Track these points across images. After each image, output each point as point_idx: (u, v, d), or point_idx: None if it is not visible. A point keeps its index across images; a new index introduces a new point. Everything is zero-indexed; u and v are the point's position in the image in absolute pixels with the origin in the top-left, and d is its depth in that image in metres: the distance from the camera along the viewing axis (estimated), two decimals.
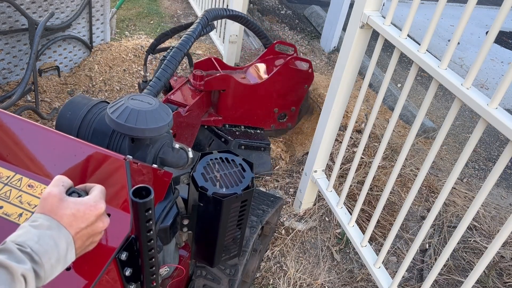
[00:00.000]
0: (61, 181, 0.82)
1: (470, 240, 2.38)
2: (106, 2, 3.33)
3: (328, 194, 2.28)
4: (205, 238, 1.33)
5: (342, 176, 2.60)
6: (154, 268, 0.97)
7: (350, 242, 2.29)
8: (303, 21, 4.93)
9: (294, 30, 4.66)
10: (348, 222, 2.10)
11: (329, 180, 2.28)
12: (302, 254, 2.35)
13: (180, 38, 2.25)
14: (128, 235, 0.92)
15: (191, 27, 2.28)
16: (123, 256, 0.91)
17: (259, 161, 2.77)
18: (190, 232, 1.36)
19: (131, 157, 1.00)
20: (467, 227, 1.86)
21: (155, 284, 1.02)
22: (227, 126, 2.75)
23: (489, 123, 1.28)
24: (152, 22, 4.48)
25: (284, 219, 2.48)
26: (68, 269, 0.86)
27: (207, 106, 2.63)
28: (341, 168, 2.61)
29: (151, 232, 0.88)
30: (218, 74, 2.52)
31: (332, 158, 2.65)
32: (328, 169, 2.53)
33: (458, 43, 4.82)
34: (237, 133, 2.76)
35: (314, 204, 2.54)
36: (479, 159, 3.25)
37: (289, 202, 2.60)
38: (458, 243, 2.31)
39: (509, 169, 3.17)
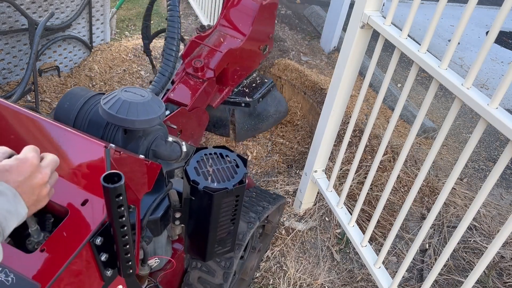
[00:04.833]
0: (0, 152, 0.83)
1: (470, 240, 2.38)
2: (106, 2, 3.33)
3: (328, 194, 2.28)
4: (197, 232, 1.33)
5: (343, 176, 2.60)
6: (129, 254, 0.98)
7: (350, 242, 2.29)
8: (303, 21, 4.93)
9: (294, 30, 4.66)
10: (348, 222, 2.10)
11: (329, 180, 2.28)
12: (302, 254, 2.35)
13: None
14: (103, 220, 0.93)
15: (168, 6, 2.15)
16: (98, 241, 0.92)
17: (275, 102, 2.90)
18: (182, 225, 1.36)
19: (113, 145, 1.01)
20: (467, 227, 1.86)
21: (131, 271, 1.02)
22: (234, 90, 2.75)
23: (489, 123, 1.28)
24: (152, 22, 4.48)
25: (284, 219, 2.48)
26: (42, 250, 0.87)
27: (213, 90, 2.49)
28: (341, 169, 2.61)
29: (124, 218, 0.88)
30: (220, 56, 2.37)
31: (332, 158, 2.65)
32: (328, 169, 2.53)
33: (458, 43, 4.82)
34: (246, 90, 2.76)
35: (314, 204, 2.54)
36: (479, 159, 3.25)
37: (289, 202, 2.60)
38: (458, 243, 2.31)
39: (509, 169, 3.17)
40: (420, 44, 1.54)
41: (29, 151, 0.83)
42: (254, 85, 2.82)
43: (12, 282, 0.81)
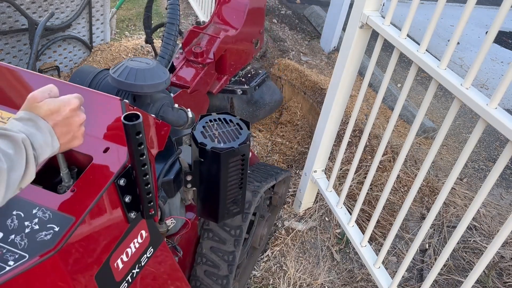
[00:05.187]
0: (48, 89, 0.90)
1: (470, 240, 2.38)
2: (106, 2, 3.33)
3: (328, 194, 2.28)
4: (208, 193, 1.40)
5: (342, 176, 2.60)
6: (150, 194, 1.05)
7: (350, 242, 2.29)
8: (303, 21, 4.93)
9: (294, 30, 4.66)
10: (348, 222, 2.10)
11: (329, 180, 2.28)
12: (302, 254, 2.35)
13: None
14: (125, 164, 1.02)
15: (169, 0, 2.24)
16: (122, 181, 1.00)
17: (270, 91, 3.01)
18: (194, 189, 1.44)
19: (127, 101, 1.10)
20: (467, 227, 1.86)
21: (153, 212, 1.10)
22: (232, 79, 2.84)
23: (489, 123, 1.28)
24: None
25: (284, 219, 2.49)
26: (72, 190, 0.95)
27: (213, 76, 2.64)
28: (341, 168, 2.61)
29: (144, 156, 0.96)
30: (218, 41, 2.51)
31: (332, 158, 2.65)
32: (328, 169, 2.53)
33: (458, 43, 4.82)
34: (242, 80, 2.86)
35: (315, 203, 2.54)
36: (479, 159, 3.25)
37: (289, 202, 2.60)
38: (458, 243, 2.31)
39: (509, 169, 3.17)
40: (419, 44, 1.54)
41: (73, 96, 0.92)
42: (249, 75, 2.92)
43: (49, 217, 0.90)
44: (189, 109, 1.50)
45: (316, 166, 2.34)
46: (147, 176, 1.00)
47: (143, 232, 1.15)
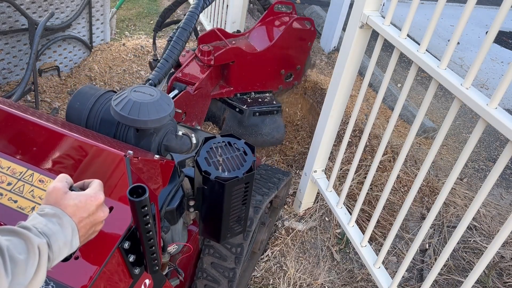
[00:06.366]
0: (64, 178, 0.89)
1: (470, 240, 2.37)
2: (106, 2, 3.33)
3: (328, 194, 2.28)
4: (210, 217, 1.39)
5: (342, 176, 2.60)
6: (155, 254, 1.04)
7: (350, 242, 2.29)
8: None
9: None
10: (348, 222, 2.10)
11: (329, 180, 2.28)
12: (302, 254, 2.35)
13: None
14: (129, 226, 0.99)
15: (193, 3, 2.23)
16: (126, 245, 0.99)
17: (273, 125, 2.86)
18: (196, 212, 1.44)
19: (131, 152, 1.05)
20: (467, 227, 1.86)
21: (157, 267, 1.09)
22: (238, 95, 2.79)
23: (489, 123, 1.28)
24: (152, 22, 4.48)
25: (284, 219, 2.49)
26: (76, 258, 0.93)
27: (217, 80, 2.65)
28: (341, 168, 2.61)
29: (149, 225, 0.94)
30: (226, 48, 2.53)
31: (332, 158, 2.65)
32: (328, 169, 2.53)
33: (458, 43, 4.81)
34: (248, 100, 2.80)
35: (315, 203, 2.54)
36: (479, 159, 3.25)
37: (289, 202, 2.60)
38: (458, 243, 2.31)
39: (509, 169, 3.17)
40: (419, 44, 1.54)
41: (98, 189, 0.90)
42: (260, 100, 2.84)
43: None
44: (193, 134, 1.47)
45: (316, 166, 2.34)
46: (152, 240, 0.99)
47: (147, 280, 1.14)
